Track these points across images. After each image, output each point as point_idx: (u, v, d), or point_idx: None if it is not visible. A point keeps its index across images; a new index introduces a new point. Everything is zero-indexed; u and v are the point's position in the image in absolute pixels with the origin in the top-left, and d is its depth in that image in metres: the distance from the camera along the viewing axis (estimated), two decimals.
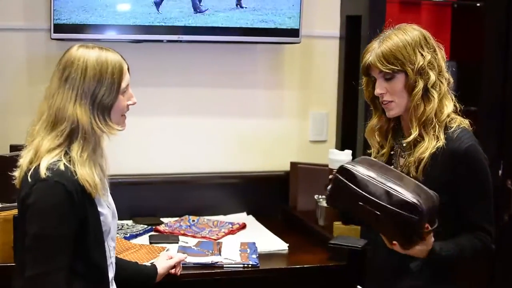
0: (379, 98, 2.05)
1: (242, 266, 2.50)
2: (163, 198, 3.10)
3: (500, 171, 3.11)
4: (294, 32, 3.07)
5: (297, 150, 3.30)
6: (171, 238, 2.77)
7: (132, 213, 3.01)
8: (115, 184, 2.06)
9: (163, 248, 2.60)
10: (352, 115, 3.07)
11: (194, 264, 2.47)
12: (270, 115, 3.27)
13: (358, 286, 2.28)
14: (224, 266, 2.49)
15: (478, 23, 3.12)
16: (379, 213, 1.85)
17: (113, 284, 2.02)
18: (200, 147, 3.19)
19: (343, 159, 2.75)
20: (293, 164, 3.21)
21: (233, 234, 2.88)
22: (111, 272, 2.00)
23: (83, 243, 1.85)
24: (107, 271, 1.96)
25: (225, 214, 3.16)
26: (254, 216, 3.16)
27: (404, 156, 2.06)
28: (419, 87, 1.98)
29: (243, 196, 3.20)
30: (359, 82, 2.19)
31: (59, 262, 1.80)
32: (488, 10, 3.07)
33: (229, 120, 3.22)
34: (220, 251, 2.60)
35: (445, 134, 1.98)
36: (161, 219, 3.01)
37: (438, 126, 1.98)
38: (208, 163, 3.20)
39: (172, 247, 2.63)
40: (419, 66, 1.97)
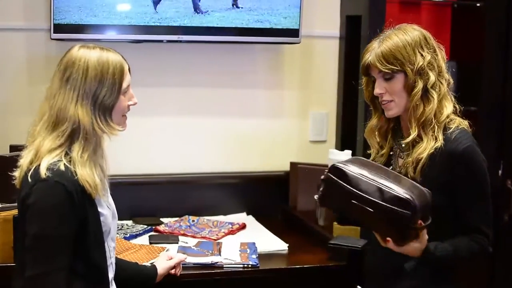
0: (379, 98, 2.05)
1: (242, 266, 2.50)
2: (163, 198, 3.10)
3: (500, 171, 3.11)
4: (294, 32, 3.07)
5: (297, 150, 3.30)
6: (171, 238, 2.77)
7: (132, 213, 3.01)
8: (114, 184, 2.06)
9: (163, 248, 2.60)
10: (352, 115, 3.07)
11: (194, 264, 2.47)
12: (270, 115, 3.27)
13: (358, 286, 2.28)
14: (224, 266, 2.49)
15: (478, 23, 3.12)
16: (372, 210, 1.85)
17: (113, 284, 2.02)
18: (200, 147, 3.19)
19: (343, 159, 2.74)
20: (293, 164, 3.21)
21: (233, 234, 2.88)
22: (111, 273, 2.00)
23: (83, 243, 1.85)
24: (107, 272, 1.96)
25: (225, 214, 3.16)
26: (254, 216, 3.16)
27: (402, 156, 2.06)
28: (418, 88, 1.98)
29: (243, 196, 3.20)
30: (359, 82, 2.19)
31: (59, 262, 1.80)
32: (488, 10, 3.07)
33: (229, 120, 3.22)
34: (220, 251, 2.60)
35: (443, 135, 1.98)
36: (161, 219, 3.01)
37: (437, 127, 1.98)
38: (208, 163, 3.20)
39: (172, 247, 2.63)
40: (418, 66, 1.97)
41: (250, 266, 2.50)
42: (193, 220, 2.99)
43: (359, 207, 1.88)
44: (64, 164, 1.82)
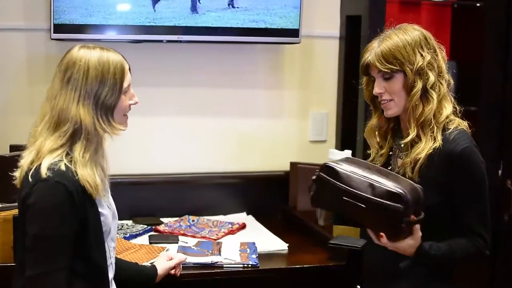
0: (378, 98, 2.05)
1: (242, 266, 2.50)
2: (163, 198, 3.10)
3: (499, 171, 3.11)
4: (294, 32, 3.07)
5: (297, 150, 3.30)
6: (171, 238, 2.77)
7: (132, 213, 3.01)
8: (114, 184, 2.06)
9: (163, 248, 2.60)
10: (352, 115, 3.06)
11: (194, 264, 2.47)
12: (270, 115, 3.27)
13: (357, 286, 2.28)
14: (224, 266, 2.49)
15: (478, 23, 3.12)
16: (365, 206, 1.86)
17: (113, 284, 2.02)
18: (200, 147, 3.19)
19: None
20: (293, 164, 3.21)
21: (233, 234, 2.88)
22: (111, 273, 2.00)
23: (84, 243, 1.85)
24: (107, 272, 1.96)
25: (225, 214, 3.16)
26: (254, 216, 3.16)
27: (401, 156, 2.06)
28: (417, 88, 1.97)
29: (243, 196, 3.20)
30: (359, 82, 2.19)
31: (59, 262, 1.80)
32: (488, 10, 3.07)
33: (229, 120, 3.22)
34: (220, 251, 2.60)
35: (442, 136, 1.98)
36: (161, 219, 3.01)
37: (436, 128, 1.98)
38: (208, 163, 3.20)
39: (172, 247, 2.63)
40: (418, 66, 1.97)
41: (250, 266, 2.50)
42: (193, 220, 3.00)
43: (352, 204, 1.88)
44: (65, 164, 1.83)
